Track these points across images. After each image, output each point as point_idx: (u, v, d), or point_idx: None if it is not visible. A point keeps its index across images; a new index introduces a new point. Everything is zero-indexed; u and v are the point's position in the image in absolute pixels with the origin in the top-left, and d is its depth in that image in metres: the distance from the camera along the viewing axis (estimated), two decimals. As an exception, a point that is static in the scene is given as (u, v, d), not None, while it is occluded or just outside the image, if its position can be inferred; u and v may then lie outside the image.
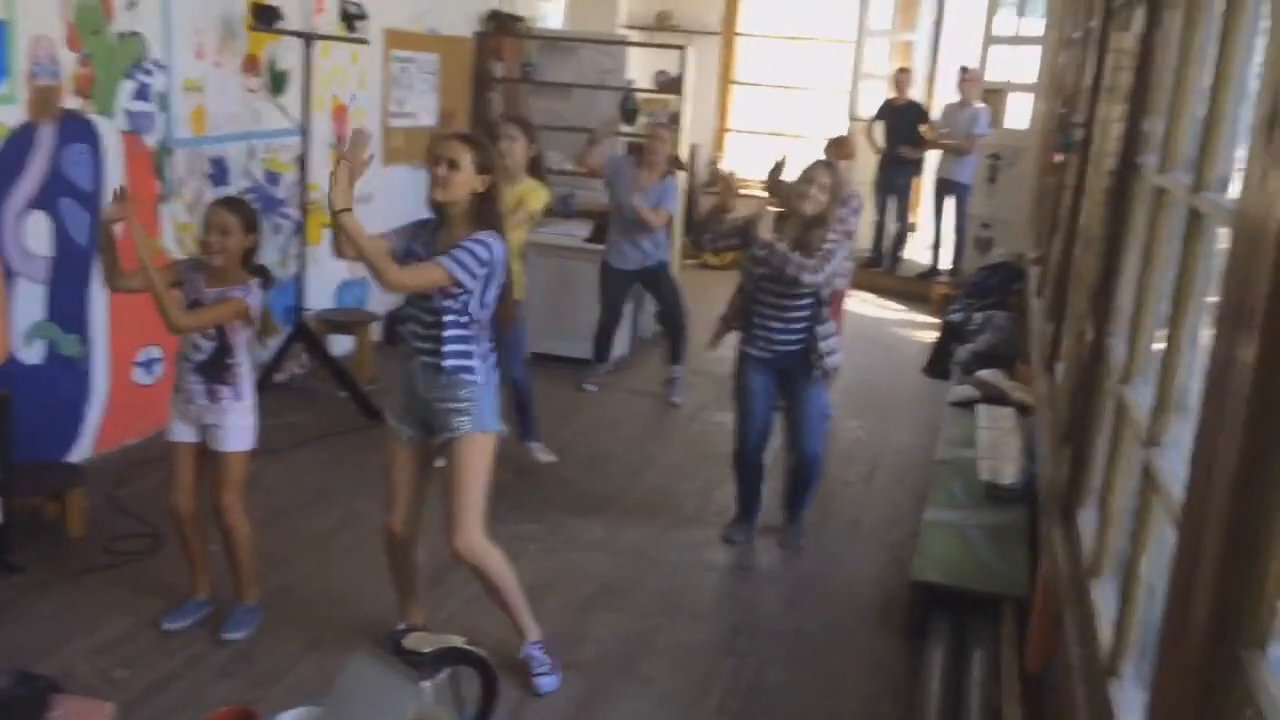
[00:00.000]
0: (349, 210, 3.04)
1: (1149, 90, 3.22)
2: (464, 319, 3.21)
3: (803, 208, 4.20)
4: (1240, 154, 2.10)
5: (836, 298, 6.11)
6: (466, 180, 3.15)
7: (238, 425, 3.58)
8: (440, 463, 3.41)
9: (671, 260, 6.75)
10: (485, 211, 3.22)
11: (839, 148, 6.01)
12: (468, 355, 3.25)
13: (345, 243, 3.10)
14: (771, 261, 4.20)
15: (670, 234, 6.47)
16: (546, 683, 3.52)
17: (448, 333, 3.22)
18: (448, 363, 3.23)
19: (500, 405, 3.41)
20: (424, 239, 3.30)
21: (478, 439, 3.30)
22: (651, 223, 6.11)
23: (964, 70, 9.39)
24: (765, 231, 4.21)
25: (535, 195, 4.84)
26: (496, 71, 8.32)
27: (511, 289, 3.48)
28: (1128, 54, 3.56)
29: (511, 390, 5.05)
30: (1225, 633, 1.60)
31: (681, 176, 6.82)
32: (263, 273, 3.62)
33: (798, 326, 4.35)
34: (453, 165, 3.14)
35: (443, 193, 3.15)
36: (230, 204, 3.56)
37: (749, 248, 4.32)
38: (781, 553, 4.65)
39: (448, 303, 3.18)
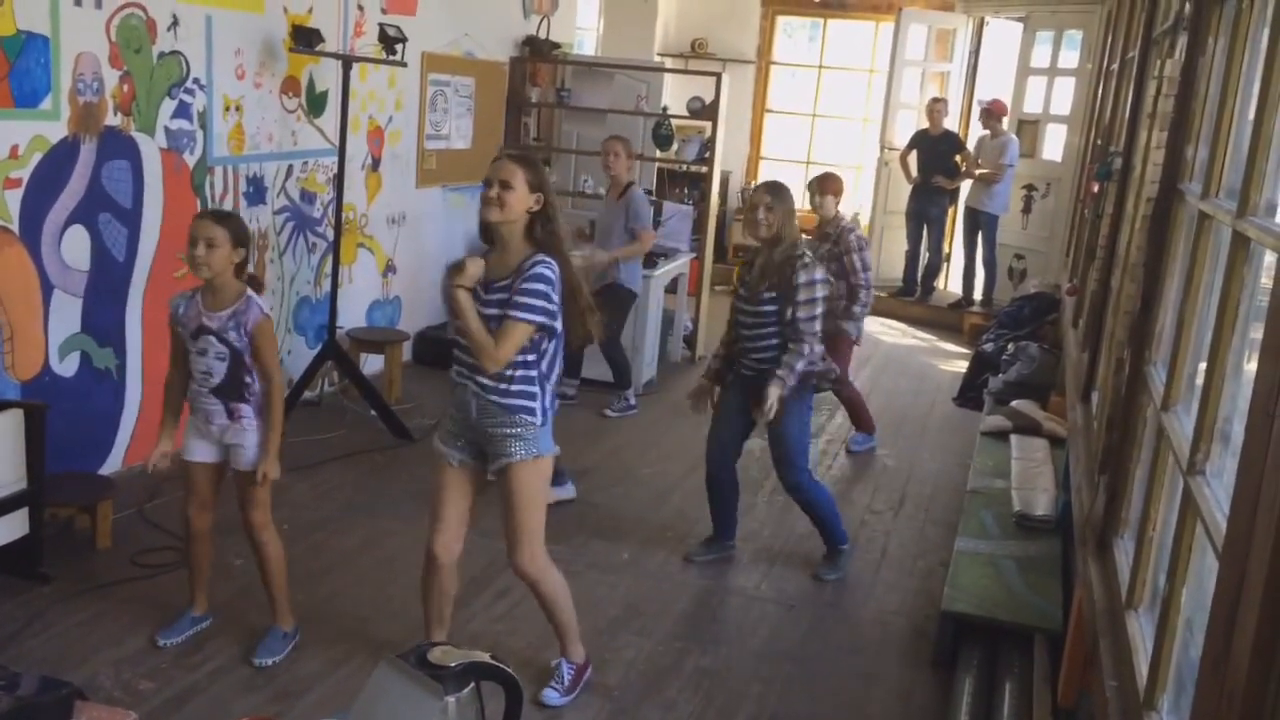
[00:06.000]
0: (467, 289, 3.10)
1: (1191, 117, 3.19)
2: (531, 356, 3.18)
3: (758, 234, 4.33)
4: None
5: (845, 343, 6.04)
6: (521, 199, 3.11)
7: (260, 443, 3.52)
8: (491, 478, 3.37)
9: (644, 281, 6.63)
10: (542, 231, 3.17)
11: (823, 184, 5.90)
12: (530, 382, 3.20)
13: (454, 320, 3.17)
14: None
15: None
16: (553, 696, 3.48)
17: (517, 372, 3.17)
18: (511, 401, 3.19)
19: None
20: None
21: (535, 463, 3.26)
22: (642, 246, 6.38)
23: (981, 104, 9.51)
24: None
25: None
26: (532, 96, 8.38)
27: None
28: (1169, 82, 3.53)
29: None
30: (1269, 662, 1.55)
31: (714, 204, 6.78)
32: (254, 283, 3.54)
33: (767, 344, 4.33)
34: (506, 185, 3.09)
35: (498, 213, 3.10)
36: (217, 216, 3.44)
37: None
38: (808, 580, 4.61)
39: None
